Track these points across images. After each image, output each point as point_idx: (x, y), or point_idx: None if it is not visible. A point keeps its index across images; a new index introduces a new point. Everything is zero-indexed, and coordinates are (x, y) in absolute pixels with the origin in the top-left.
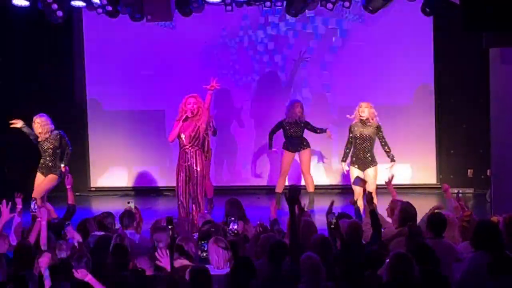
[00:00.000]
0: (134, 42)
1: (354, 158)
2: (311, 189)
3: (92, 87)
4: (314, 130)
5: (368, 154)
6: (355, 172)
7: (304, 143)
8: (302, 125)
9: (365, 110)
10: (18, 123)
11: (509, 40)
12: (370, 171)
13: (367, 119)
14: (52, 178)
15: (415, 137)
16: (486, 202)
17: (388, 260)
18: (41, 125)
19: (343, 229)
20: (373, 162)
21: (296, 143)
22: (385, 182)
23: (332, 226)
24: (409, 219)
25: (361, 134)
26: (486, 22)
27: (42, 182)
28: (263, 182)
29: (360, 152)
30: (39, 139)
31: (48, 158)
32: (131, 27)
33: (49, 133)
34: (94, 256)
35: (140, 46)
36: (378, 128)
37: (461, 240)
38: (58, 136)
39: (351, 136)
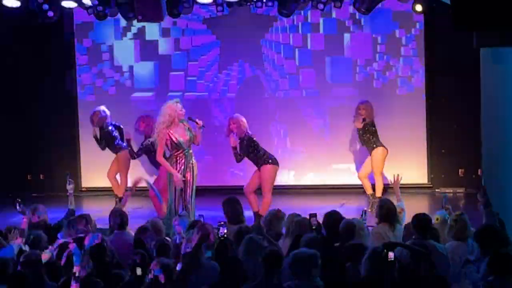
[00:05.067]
0: (126, 41)
1: None
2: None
3: (83, 87)
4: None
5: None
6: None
7: (264, 160)
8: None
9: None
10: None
11: (500, 40)
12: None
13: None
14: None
15: (406, 137)
16: (477, 201)
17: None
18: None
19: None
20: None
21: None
22: (391, 182)
23: (314, 227)
24: (389, 214)
25: None
26: (477, 21)
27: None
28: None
29: None
30: None
31: None
32: (123, 26)
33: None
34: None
35: (131, 45)
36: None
37: (450, 238)
38: None
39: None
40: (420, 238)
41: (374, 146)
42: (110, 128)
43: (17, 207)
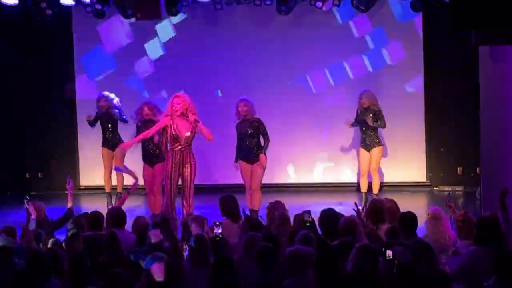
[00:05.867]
0: (124, 40)
1: None
2: (256, 207)
3: (81, 85)
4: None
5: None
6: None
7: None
8: (255, 123)
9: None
10: None
11: (499, 38)
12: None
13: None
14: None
15: (404, 135)
16: (476, 199)
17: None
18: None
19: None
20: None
21: (248, 152)
22: None
23: (308, 224)
24: (377, 214)
25: None
26: (476, 20)
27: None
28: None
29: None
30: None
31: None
32: (120, 25)
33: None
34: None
35: (130, 44)
36: None
37: (460, 238)
38: None
39: None
40: (406, 237)
41: (376, 144)
42: (115, 111)
43: (25, 204)
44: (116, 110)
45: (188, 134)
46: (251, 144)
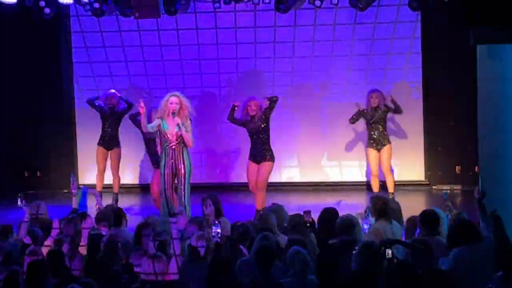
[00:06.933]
0: (122, 39)
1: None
2: (259, 206)
3: (80, 84)
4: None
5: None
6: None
7: (267, 156)
8: (263, 117)
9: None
10: None
11: (496, 37)
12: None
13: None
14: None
15: (403, 134)
16: (474, 198)
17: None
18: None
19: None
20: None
21: (257, 152)
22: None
23: (308, 225)
24: (380, 208)
25: None
26: (473, 18)
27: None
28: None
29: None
30: None
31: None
32: (119, 24)
33: None
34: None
35: (128, 43)
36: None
37: None
38: None
39: None
40: (427, 234)
41: (386, 142)
42: (120, 106)
43: (19, 202)
44: (123, 103)
45: (175, 132)
46: (260, 142)
